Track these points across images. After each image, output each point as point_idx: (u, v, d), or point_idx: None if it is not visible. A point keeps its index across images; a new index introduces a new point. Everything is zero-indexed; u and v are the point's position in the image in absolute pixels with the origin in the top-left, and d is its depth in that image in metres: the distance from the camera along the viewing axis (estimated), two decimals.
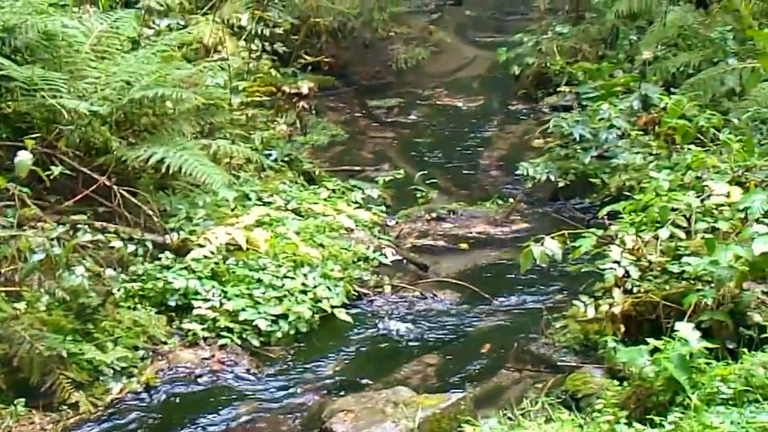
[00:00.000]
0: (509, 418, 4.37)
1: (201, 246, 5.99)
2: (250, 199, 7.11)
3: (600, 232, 5.57)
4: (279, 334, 5.71)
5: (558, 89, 10.17)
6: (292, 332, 5.76)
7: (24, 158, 4.97)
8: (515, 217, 7.88)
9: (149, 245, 5.91)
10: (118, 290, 5.48)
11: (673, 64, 8.91)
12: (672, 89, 7.93)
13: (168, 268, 5.83)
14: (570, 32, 11.27)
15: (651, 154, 7.41)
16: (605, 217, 6.13)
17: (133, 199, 6.04)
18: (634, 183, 7.00)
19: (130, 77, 6.20)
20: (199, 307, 5.65)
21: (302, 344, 5.75)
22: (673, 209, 5.41)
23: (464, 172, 9.29)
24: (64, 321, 5.08)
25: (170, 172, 6.05)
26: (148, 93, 5.99)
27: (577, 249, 5.26)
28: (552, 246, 5.00)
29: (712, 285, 4.83)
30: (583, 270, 5.78)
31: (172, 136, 6.31)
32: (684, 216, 5.40)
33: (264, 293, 5.86)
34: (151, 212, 6.07)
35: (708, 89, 7.96)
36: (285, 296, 5.91)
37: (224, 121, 7.32)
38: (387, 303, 6.38)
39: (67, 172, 5.70)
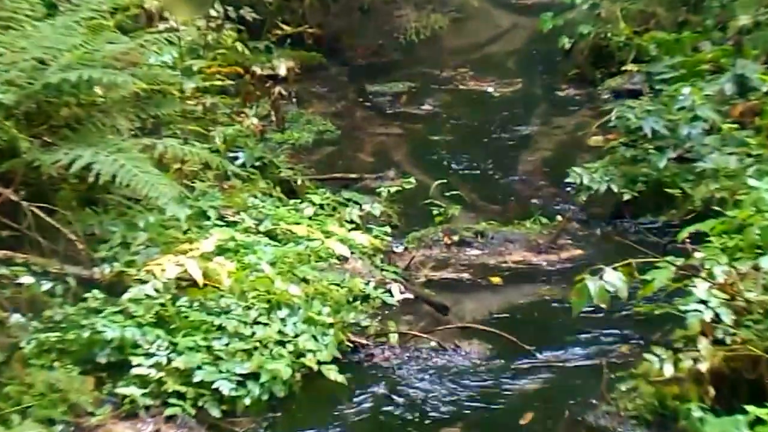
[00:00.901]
0: None
1: (142, 282, 5.95)
2: (208, 219, 7.09)
3: (680, 262, 5.52)
4: (247, 401, 5.65)
5: (623, 68, 10.18)
6: (265, 398, 5.70)
7: None
8: (565, 241, 7.87)
9: (71, 281, 5.86)
10: (29, 343, 5.43)
11: None
12: None
13: (97, 312, 5.79)
14: None
15: (749, 155, 7.41)
16: (687, 240, 6.09)
17: (49, 219, 6.01)
18: (727, 194, 6.99)
19: (44, 54, 6.18)
20: (139, 365, 5.60)
21: (279, 414, 5.70)
22: None
23: (496, 181, 9.30)
24: None
25: (100, 182, 6.01)
26: (70, 76, 5.97)
27: (649, 284, 5.22)
28: (614, 280, 4.96)
29: None
30: (656, 312, 5.76)
31: (103, 134, 6.29)
32: None
33: (227, 345, 5.81)
34: (73, 236, 6.03)
35: None
36: (256, 349, 5.86)
37: (174, 114, 7.31)
38: (393, 357, 6.33)
39: None
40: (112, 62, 6.46)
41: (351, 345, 6.36)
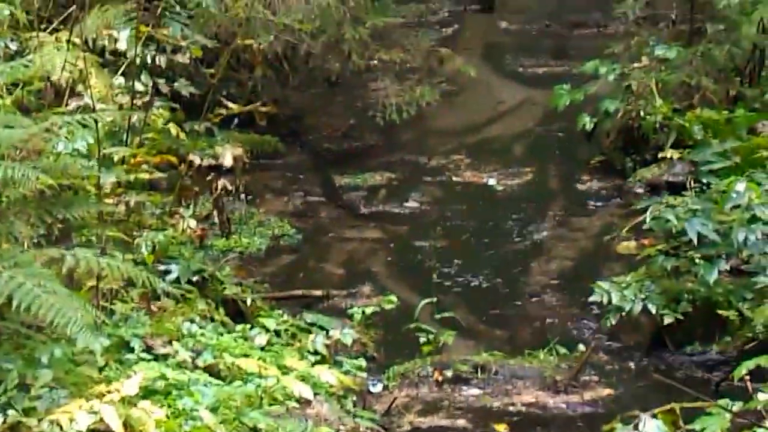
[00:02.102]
0: None
1: None
2: (132, 351, 7.03)
3: (738, 406, 5.51)
4: None
5: (660, 155, 10.24)
6: None
7: None
8: (589, 377, 7.88)
9: None
10: None
11: None
12: None
13: None
14: (680, 58, 11.45)
15: None
16: (746, 378, 6.08)
17: None
18: None
19: None
20: None
21: None
22: None
23: (501, 299, 9.34)
24: None
25: None
26: None
27: None
28: (654, 430, 4.94)
29: None
30: None
31: None
32: None
33: None
34: None
35: None
36: None
37: (88, 216, 7.29)
38: None
39: None
40: (10, 152, 6.47)
41: None
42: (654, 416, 5.02)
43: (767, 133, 9.26)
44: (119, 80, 9.09)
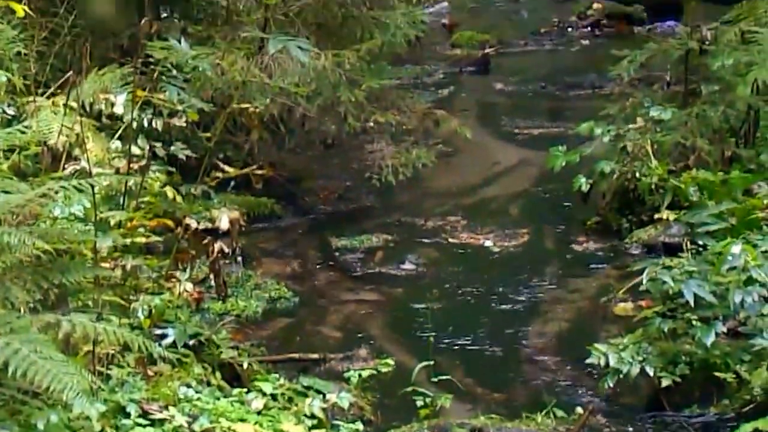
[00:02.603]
0: None
1: None
2: (128, 416, 7.00)
3: None
4: None
5: (656, 216, 10.25)
6: None
7: None
8: None
9: None
10: None
11: None
12: None
13: None
14: (675, 119, 11.49)
15: None
16: None
17: None
18: None
19: None
20: None
21: None
22: None
23: (498, 361, 9.30)
24: None
25: None
26: None
27: None
28: None
29: None
30: None
31: None
32: None
33: None
34: None
35: None
36: None
37: (84, 281, 7.27)
38: None
39: None
40: (5, 217, 6.45)
41: None
42: None
43: (763, 194, 9.24)
44: (116, 144, 9.10)
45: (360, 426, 7.77)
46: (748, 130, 11.14)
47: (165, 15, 12.98)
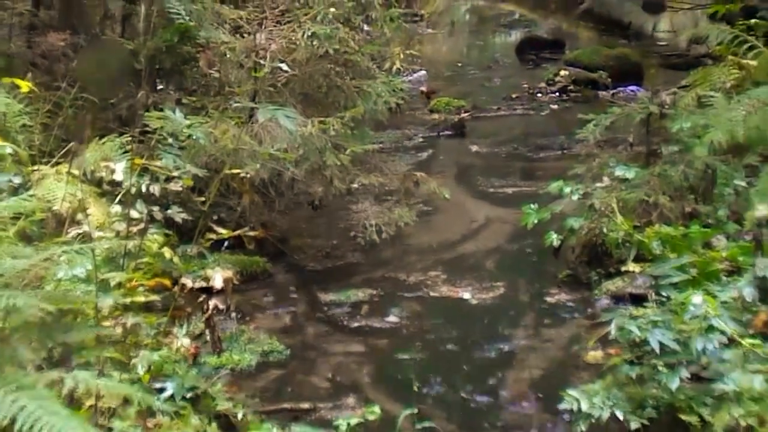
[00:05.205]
0: None
1: None
2: None
3: None
4: None
5: (623, 269, 10.24)
6: None
7: None
8: None
9: None
10: None
11: None
12: None
13: None
14: (638, 178, 11.53)
15: None
16: None
17: None
18: (754, 422, 6.94)
19: None
20: None
21: None
22: None
23: (477, 407, 9.25)
24: None
25: None
26: None
27: None
28: None
29: None
30: None
31: (1, 368, 6.21)
32: None
33: None
34: None
35: None
36: None
37: (88, 339, 7.24)
38: None
39: None
40: (13, 281, 6.44)
41: None
42: None
43: (721, 247, 9.26)
44: (116, 208, 9.08)
45: None
46: (706, 188, 11.15)
47: (161, 87, 13.03)
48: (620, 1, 22.08)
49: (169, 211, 9.42)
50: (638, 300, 9.71)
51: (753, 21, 13.80)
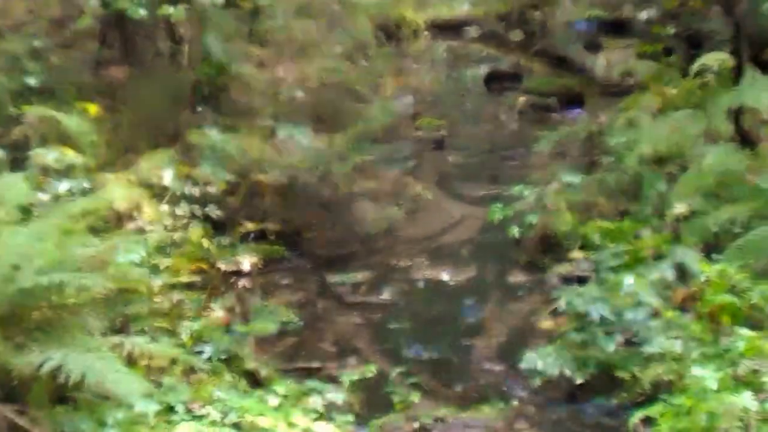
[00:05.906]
0: None
1: None
2: (176, 412, 6.96)
3: None
4: None
5: (570, 255, 10.25)
6: None
7: None
8: (521, 425, 7.80)
9: None
10: None
11: (715, 221, 8.99)
12: (715, 254, 8.01)
13: None
14: (582, 182, 11.51)
15: (692, 340, 7.39)
16: (639, 423, 6.04)
17: (18, 422, 5.86)
18: (674, 377, 6.95)
19: (18, 259, 6.15)
20: None
21: None
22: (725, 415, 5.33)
23: (454, 366, 9.25)
24: None
25: (70, 382, 5.90)
26: (42, 280, 5.93)
27: None
28: None
29: None
30: None
31: (74, 335, 6.21)
32: (741, 425, 5.32)
33: None
34: None
35: (762, 253, 8.00)
36: None
37: (142, 311, 7.25)
38: None
39: None
40: (83, 265, 6.45)
41: None
42: None
43: (647, 237, 9.25)
44: (164, 207, 9.10)
45: (351, 417, 7.74)
46: (635, 190, 11.14)
47: (200, 109, 13.00)
48: (566, 42, 22.04)
49: (207, 209, 9.45)
50: (583, 280, 9.70)
51: (671, 57, 13.85)
